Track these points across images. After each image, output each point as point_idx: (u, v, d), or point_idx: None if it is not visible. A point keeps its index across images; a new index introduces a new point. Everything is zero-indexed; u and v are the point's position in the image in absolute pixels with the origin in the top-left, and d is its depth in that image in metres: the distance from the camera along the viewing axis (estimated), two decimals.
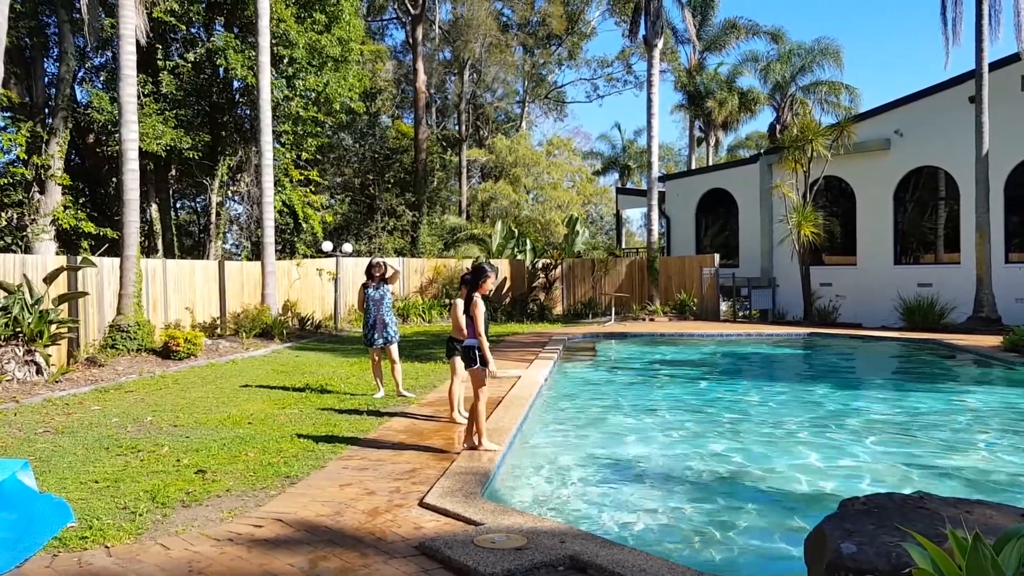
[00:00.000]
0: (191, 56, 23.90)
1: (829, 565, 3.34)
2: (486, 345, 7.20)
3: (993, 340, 16.05)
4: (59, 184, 21.42)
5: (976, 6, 19.15)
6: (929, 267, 22.61)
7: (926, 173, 22.69)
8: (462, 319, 7.85)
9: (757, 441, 8.30)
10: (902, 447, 7.99)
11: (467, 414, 8.35)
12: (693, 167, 41.28)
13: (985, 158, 19.05)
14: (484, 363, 7.13)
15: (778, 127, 35.90)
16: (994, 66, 19.76)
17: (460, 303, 8.14)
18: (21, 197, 21.09)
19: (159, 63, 23.36)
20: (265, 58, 19.41)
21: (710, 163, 40.25)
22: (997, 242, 20.06)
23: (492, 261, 25.58)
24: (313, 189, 28.57)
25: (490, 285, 7.33)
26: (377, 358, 10.61)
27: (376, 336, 10.38)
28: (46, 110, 22.42)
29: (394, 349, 10.47)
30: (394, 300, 12.19)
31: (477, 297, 7.20)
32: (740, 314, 24.87)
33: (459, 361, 8.34)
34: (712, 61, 41.34)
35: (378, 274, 10.50)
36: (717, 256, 24.25)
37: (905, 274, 22.38)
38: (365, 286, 10.50)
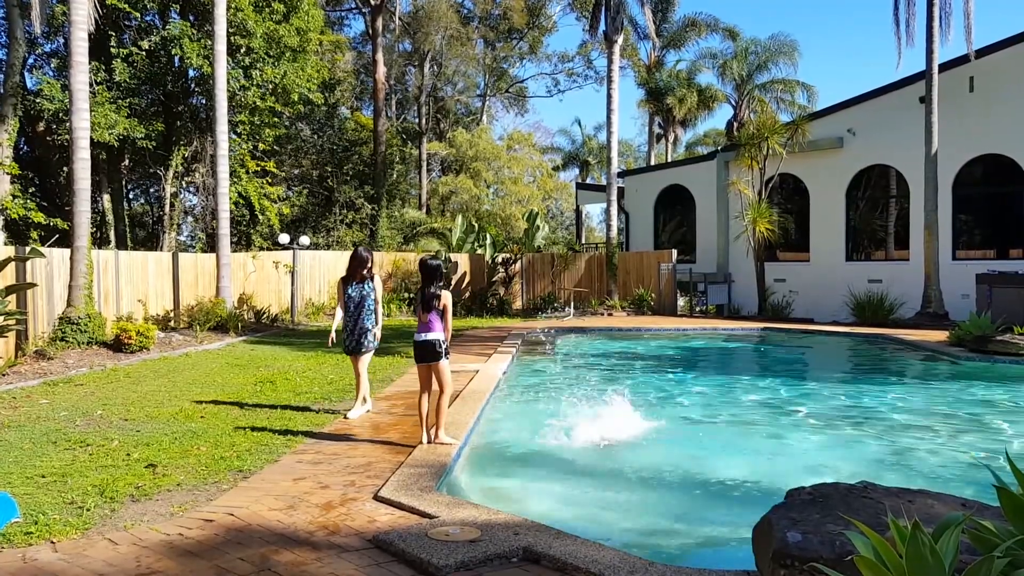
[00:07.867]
0: (145, 44, 23.44)
1: (775, 553, 3.40)
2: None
3: (940, 335, 16.43)
4: (8, 173, 20.87)
5: (927, 8, 19.53)
6: (879, 264, 23.11)
7: (878, 171, 23.15)
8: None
9: (708, 433, 8.42)
10: (848, 438, 8.16)
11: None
12: (652, 163, 41.57)
13: (934, 158, 19.47)
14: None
15: (735, 124, 36.29)
16: (944, 67, 20.18)
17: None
18: None
19: (112, 50, 22.89)
20: (221, 47, 19.09)
21: (669, 159, 40.56)
22: (945, 239, 20.53)
23: (452, 255, 25.60)
24: (270, 180, 28.21)
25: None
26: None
27: (350, 343, 8.59)
28: None
29: (365, 359, 8.66)
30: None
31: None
32: (696, 309, 25.18)
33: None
34: (671, 58, 41.70)
35: (362, 270, 8.55)
36: (675, 252, 24.48)
37: (856, 270, 22.82)
38: (345, 281, 8.62)
